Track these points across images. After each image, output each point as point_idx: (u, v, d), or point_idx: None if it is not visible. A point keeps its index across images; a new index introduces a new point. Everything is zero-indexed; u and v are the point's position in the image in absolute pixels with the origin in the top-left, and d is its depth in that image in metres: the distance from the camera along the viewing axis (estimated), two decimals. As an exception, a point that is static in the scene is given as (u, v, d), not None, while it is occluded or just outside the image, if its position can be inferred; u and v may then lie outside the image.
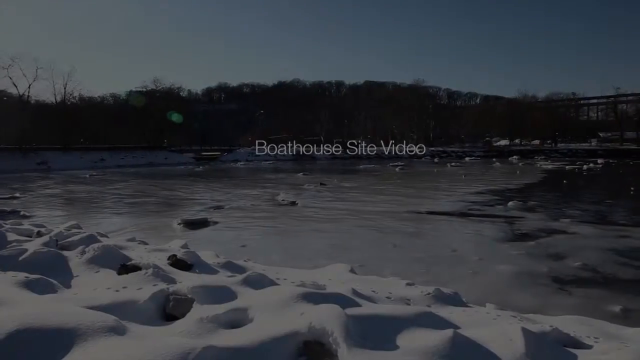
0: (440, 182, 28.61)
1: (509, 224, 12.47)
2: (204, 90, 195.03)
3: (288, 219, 14.03)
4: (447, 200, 18.10)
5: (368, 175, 36.39)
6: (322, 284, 4.30)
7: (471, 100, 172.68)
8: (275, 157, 72.73)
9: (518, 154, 73.43)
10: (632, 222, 12.94)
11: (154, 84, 76.89)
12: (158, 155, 64.62)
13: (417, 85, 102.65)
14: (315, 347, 2.51)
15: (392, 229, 11.98)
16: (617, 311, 5.83)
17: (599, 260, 8.46)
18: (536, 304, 6.05)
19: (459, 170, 42.08)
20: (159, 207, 17.18)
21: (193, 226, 12.46)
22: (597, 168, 43.31)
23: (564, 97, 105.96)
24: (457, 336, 2.54)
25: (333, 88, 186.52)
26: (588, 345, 3.05)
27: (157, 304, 3.23)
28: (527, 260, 8.52)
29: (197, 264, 5.05)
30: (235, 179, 32.78)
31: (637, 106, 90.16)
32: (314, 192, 21.76)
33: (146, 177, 35.47)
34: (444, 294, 4.33)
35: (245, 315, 2.98)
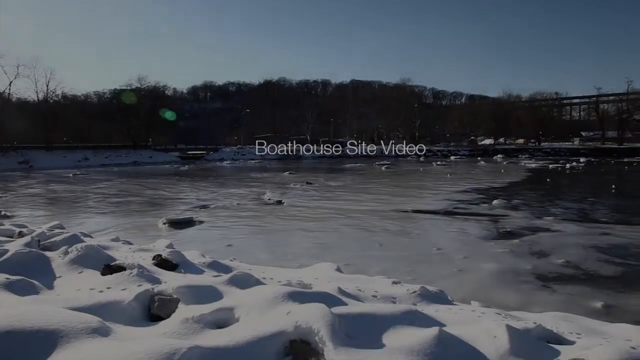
0: (425, 180, 28.77)
1: (493, 222, 12.59)
2: (189, 89, 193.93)
3: (274, 218, 14.00)
4: (433, 199, 18.21)
5: (354, 174, 36.46)
6: (308, 283, 4.30)
7: (456, 100, 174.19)
8: (262, 156, 72.46)
9: (503, 153, 74.20)
10: (613, 220, 13.16)
11: (139, 82, 76.10)
12: (143, 154, 64.04)
13: (403, 84, 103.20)
14: (301, 346, 2.51)
15: (378, 227, 12.02)
16: (598, 307, 5.93)
17: (581, 257, 8.59)
18: (520, 301, 6.12)
19: (445, 169, 42.37)
20: (143, 207, 17.02)
21: (178, 226, 12.37)
22: (579, 167, 43.95)
23: (547, 97, 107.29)
24: (443, 334, 2.56)
25: (319, 87, 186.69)
26: (571, 341, 3.09)
27: (142, 305, 3.20)
28: (511, 258, 8.61)
29: (182, 264, 5.01)
30: (221, 178, 32.60)
31: (617, 106, 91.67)
32: (300, 191, 21.74)
33: (131, 177, 35.12)
34: (429, 292, 4.35)
35: (231, 315, 2.96)
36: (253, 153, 73.47)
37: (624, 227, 11.82)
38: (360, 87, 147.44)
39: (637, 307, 5.94)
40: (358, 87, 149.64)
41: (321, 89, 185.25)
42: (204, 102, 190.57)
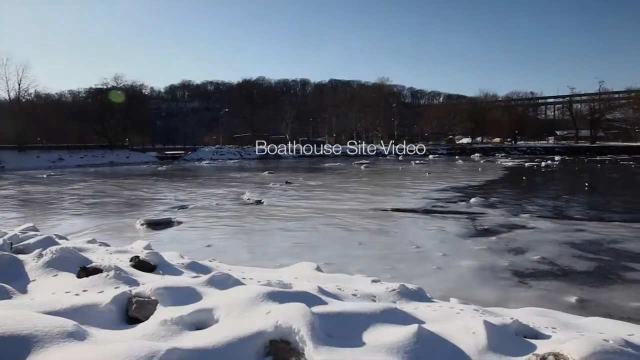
0: (404, 179, 28.99)
1: (471, 220, 12.75)
2: (167, 88, 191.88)
3: (254, 218, 13.94)
4: (412, 198, 18.36)
5: (333, 173, 36.53)
6: (288, 283, 4.29)
7: (434, 99, 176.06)
8: (241, 155, 72.07)
9: (480, 152, 75.13)
10: (586, 217, 13.46)
11: (114, 81, 74.79)
12: (120, 155, 63.12)
13: (381, 83, 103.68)
14: (281, 346, 2.50)
15: (357, 226, 12.07)
16: (573, 302, 6.06)
17: (556, 253, 8.77)
18: (498, 297, 6.22)
19: (423, 167, 42.75)
20: (120, 208, 16.76)
21: (156, 226, 12.22)
22: (554, 165, 44.86)
23: (523, 97, 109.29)
24: (422, 331, 2.58)
25: (298, 86, 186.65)
26: (546, 335, 3.15)
27: (119, 307, 3.15)
28: (488, 255, 8.74)
29: (160, 265, 4.95)
30: (199, 178, 32.31)
31: (590, 105, 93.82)
32: (280, 191, 21.69)
33: (107, 177, 34.57)
34: (408, 290, 4.39)
35: (210, 315, 2.94)
36: (233, 153, 73.04)
37: (597, 224, 12.10)
38: (339, 87, 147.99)
39: (609, 301, 6.09)
40: (337, 86, 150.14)
41: (300, 88, 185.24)
42: (182, 102, 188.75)
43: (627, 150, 71.45)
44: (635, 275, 7.32)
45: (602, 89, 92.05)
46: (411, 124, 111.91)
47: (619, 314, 5.52)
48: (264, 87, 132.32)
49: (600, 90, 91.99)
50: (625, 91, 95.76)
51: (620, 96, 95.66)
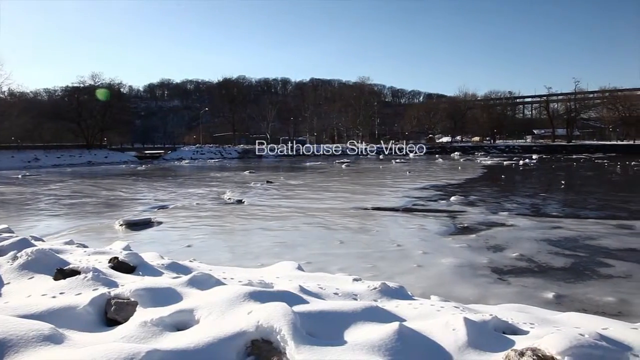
0: (385, 178, 29.15)
1: (451, 218, 12.89)
2: (146, 87, 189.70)
3: (235, 217, 13.86)
4: (393, 196, 18.47)
5: (315, 172, 36.54)
6: (269, 282, 4.28)
7: (415, 98, 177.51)
8: (222, 155, 71.58)
9: (460, 151, 76.00)
10: (563, 214, 13.72)
11: (92, 79, 73.33)
12: (98, 154, 62.09)
13: (362, 83, 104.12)
14: (263, 346, 2.50)
15: (338, 225, 12.10)
16: (550, 298, 6.17)
17: (534, 250, 8.92)
18: (477, 294, 6.30)
19: (404, 166, 43.06)
20: (99, 208, 16.50)
21: (136, 227, 12.07)
22: (532, 163, 45.64)
23: (501, 96, 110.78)
24: (403, 328, 2.60)
25: (279, 85, 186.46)
26: (525, 331, 3.21)
27: (98, 309, 3.10)
28: (468, 252, 8.84)
29: (140, 266, 4.89)
30: (179, 178, 32.00)
31: (566, 105, 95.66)
32: (261, 190, 21.61)
33: (85, 177, 33.99)
34: (390, 288, 4.41)
35: (191, 316, 2.92)
36: (213, 152, 72.50)
37: (573, 221, 12.35)
38: (320, 86, 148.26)
39: (585, 297, 6.22)
40: (318, 85, 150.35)
41: (281, 87, 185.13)
42: (162, 101, 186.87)
43: (601, 149, 73.19)
44: (609, 270, 7.49)
45: (578, 88, 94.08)
46: (392, 123, 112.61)
47: (594, 309, 5.64)
48: (244, 86, 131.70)
49: (576, 90, 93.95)
50: (599, 91, 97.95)
51: (595, 96, 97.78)
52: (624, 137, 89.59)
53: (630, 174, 32.45)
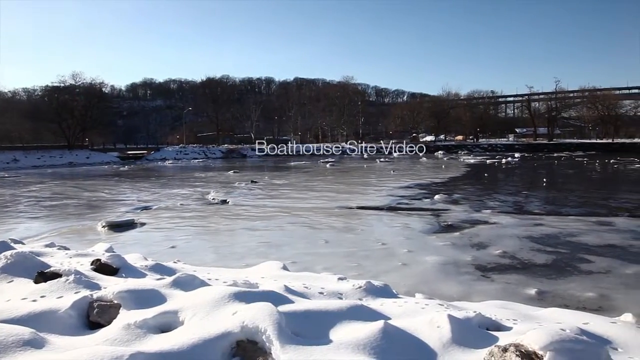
0: (369, 177, 29.25)
1: (435, 217, 12.98)
2: (128, 86, 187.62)
3: (219, 217, 13.79)
4: (377, 195, 18.54)
5: (299, 172, 36.50)
6: (254, 283, 4.26)
7: (398, 98, 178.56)
8: (206, 155, 71.09)
9: (443, 149, 76.54)
10: (545, 211, 13.92)
11: (73, 79, 72.17)
12: (79, 155, 61.18)
13: (346, 82, 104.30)
14: (248, 346, 2.49)
15: (323, 224, 12.11)
16: (533, 294, 6.26)
17: (516, 247, 9.03)
18: (461, 292, 6.36)
19: (388, 165, 43.24)
20: (80, 210, 16.27)
21: (119, 228, 11.93)
22: (514, 162, 46.21)
23: (484, 95, 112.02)
24: (388, 327, 2.62)
25: (263, 85, 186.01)
26: (508, 327, 3.25)
27: (80, 312, 3.06)
28: (452, 250, 8.92)
29: (123, 268, 4.83)
30: (163, 178, 31.71)
31: (547, 104, 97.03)
32: (245, 190, 21.52)
33: (66, 178, 33.48)
34: (374, 286, 4.42)
35: (175, 318, 2.89)
36: (197, 152, 71.97)
37: (554, 218, 12.54)
38: (304, 85, 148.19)
39: (566, 292, 6.32)
40: (302, 84, 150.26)
41: (265, 86, 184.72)
42: (144, 100, 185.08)
43: (581, 147, 74.42)
44: (590, 266, 7.62)
45: (559, 88, 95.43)
46: (376, 122, 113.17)
47: (575, 304, 5.73)
48: (228, 85, 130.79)
49: (557, 89, 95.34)
50: (579, 90, 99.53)
51: (575, 95, 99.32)
52: (603, 135, 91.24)
53: (609, 172, 33.06)
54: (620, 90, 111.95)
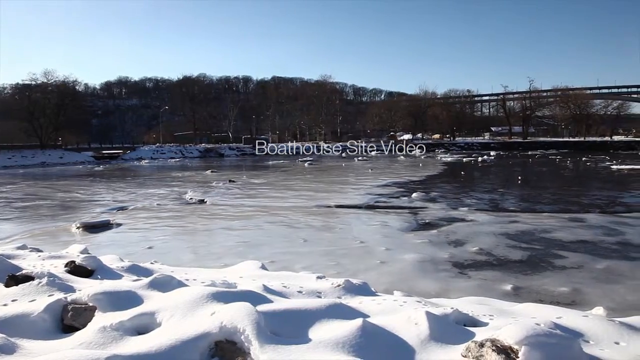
0: (348, 176, 29.35)
1: (413, 215, 13.10)
2: (102, 85, 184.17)
3: (197, 217, 13.66)
4: (355, 194, 18.62)
5: (277, 171, 36.42)
6: (232, 283, 4.24)
7: (376, 96, 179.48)
8: (183, 154, 70.33)
9: (421, 148, 77.23)
10: (520, 208, 14.19)
11: (44, 77, 70.38)
12: (52, 155, 59.80)
13: (324, 81, 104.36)
14: (227, 347, 2.48)
15: (302, 223, 12.10)
16: (508, 290, 6.37)
17: (492, 244, 9.18)
18: (439, 288, 6.43)
19: (366, 164, 43.47)
20: (54, 211, 15.92)
21: (94, 229, 11.71)
22: (490, 160, 46.93)
23: (460, 94, 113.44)
24: (366, 324, 2.63)
25: (240, 83, 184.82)
26: (484, 322, 3.30)
27: (54, 316, 3.00)
28: (430, 248, 9.01)
29: (99, 269, 4.75)
30: (139, 178, 31.25)
31: (522, 103, 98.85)
32: (223, 190, 21.37)
33: (39, 179, 32.71)
34: (353, 284, 4.44)
35: (152, 319, 2.86)
36: (174, 151, 71.14)
37: (529, 215, 12.79)
38: (282, 84, 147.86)
39: (541, 287, 6.45)
40: (280, 83, 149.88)
41: (242, 85, 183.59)
42: (119, 99, 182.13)
43: (554, 145, 76.15)
44: (563, 262, 7.79)
45: (532, 87, 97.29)
46: (354, 121, 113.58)
47: (549, 299, 5.86)
48: (205, 84, 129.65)
49: (531, 88, 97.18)
50: (552, 90, 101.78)
51: (548, 94, 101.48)
52: (575, 133, 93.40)
53: (581, 169, 33.86)
54: (591, 90, 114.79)
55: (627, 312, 4.81)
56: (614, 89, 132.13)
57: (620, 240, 9.43)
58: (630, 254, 8.32)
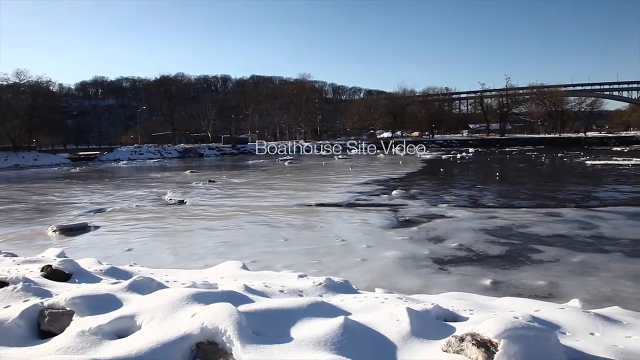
0: (328, 174, 29.39)
1: (393, 212, 13.19)
2: (77, 85, 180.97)
3: (176, 218, 13.53)
4: (336, 192, 18.66)
5: (257, 170, 36.27)
6: (213, 283, 4.22)
7: (355, 95, 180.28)
8: (161, 154, 69.49)
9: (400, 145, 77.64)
10: (498, 204, 14.40)
11: (16, 77, 68.63)
12: (26, 157, 58.44)
13: (303, 79, 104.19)
14: (208, 348, 2.47)
15: (282, 222, 12.08)
16: (488, 284, 6.46)
17: (472, 240, 9.30)
18: (420, 285, 6.49)
19: (346, 162, 43.60)
20: (29, 214, 15.57)
21: (71, 232, 11.49)
22: (468, 157, 47.50)
23: (439, 92, 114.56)
24: (348, 322, 2.64)
25: (219, 83, 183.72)
26: (464, 317, 3.35)
27: (30, 322, 2.94)
28: (410, 244, 9.08)
29: (76, 273, 4.66)
30: (117, 179, 30.78)
31: (499, 100, 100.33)
32: (203, 190, 21.19)
33: (13, 182, 31.94)
34: (335, 283, 4.46)
35: (132, 322, 2.83)
36: (152, 152, 70.21)
37: (507, 210, 12.99)
38: (261, 83, 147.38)
39: (519, 281, 6.56)
40: (259, 82, 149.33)
41: (221, 84, 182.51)
42: (96, 99, 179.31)
43: (531, 142, 77.47)
44: (541, 256, 7.94)
45: (509, 85, 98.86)
46: (333, 120, 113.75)
47: (527, 293, 5.96)
48: (183, 83, 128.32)
49: (507, 86, 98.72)
50: (528, 87, 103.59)
51: (525, 92, 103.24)
52: (550, 130, 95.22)
53: (557, 165, 34.54)
54: (565, 87, 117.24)
55: (601, 303, 4.95)
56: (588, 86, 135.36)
57: (595, 233, 9.65)
58: (604, 247, 8.52)
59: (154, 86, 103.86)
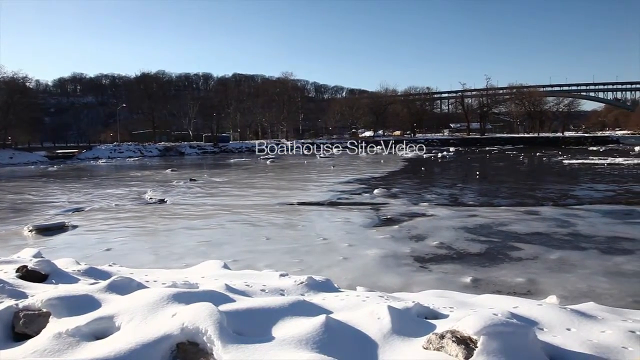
0: (310, 173, 29.39)
1: (375, 211, 13.25)
2: (55, 81, 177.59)
3: (157, 217, 13.38)
4: (318, 191, 18.67)
5: (239, 169, 36.09)
6: (194, 283, 4.18)
7: (337, 94, 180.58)
8: (142, 153, 68.64)
9: (382, 144, 77.95)
10: (478, 203, 14.58)
11: (-8, 72, 67.09)
12: (1, 155, 57.09)
13: (285, 78, 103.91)
14: (189, 348, 2.45)
15: (264, 221, 12.04)
16: (468, 282, 6.54)
17: (452, 238, 9.40)
18: (401, 283, 6.53)
19: (328, 161, 43.66)
20: (4, 213, 15.22)
21: (48, 232, 11.28)
22: (449, 156, 48.00)
23: (420, 92, 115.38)
24: (330, 320, 2.65)
25: (200, 80, 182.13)
26: (445, 315, 3.38)
27: (4, 324, 2.88)
28: (392, 243, 9.14)
29: (53, 274, 4.58)
30: (96, 178, 30.32)
31: (479, 100, 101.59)
32: (184, 189, 21.00)
33: (-13, 180, 31.25)
34: (316, 281, 4.46)
35: (111, 323, 2.79)
36: (133, 150, 69.29)
37: (487, 209, 13.16)
38: (243, 81, 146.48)
39: (499, 279, 6.65)
40: (241, 80, 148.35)
41: (203, 82, 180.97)
42: (74, 96, 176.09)
43: (510, 141, 78.67)
44: (520, 254, 8.06)
45: (489, 85, 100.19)
46: (315, 118, 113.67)
47: (506, 290, 6.05)
48: (164, 81, 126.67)
49: (487, 86, 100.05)
50: (508, 87, 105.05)
51: (504, 92, 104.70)
52: (529, 129, 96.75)
53: (535, 164, 35.12)
54: (544, 87, 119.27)
55: (578, 299, 5.05)
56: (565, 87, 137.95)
57: (572, 231, 9.84)
58: (581, 244, 8.69)
59: (135, 83, 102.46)
